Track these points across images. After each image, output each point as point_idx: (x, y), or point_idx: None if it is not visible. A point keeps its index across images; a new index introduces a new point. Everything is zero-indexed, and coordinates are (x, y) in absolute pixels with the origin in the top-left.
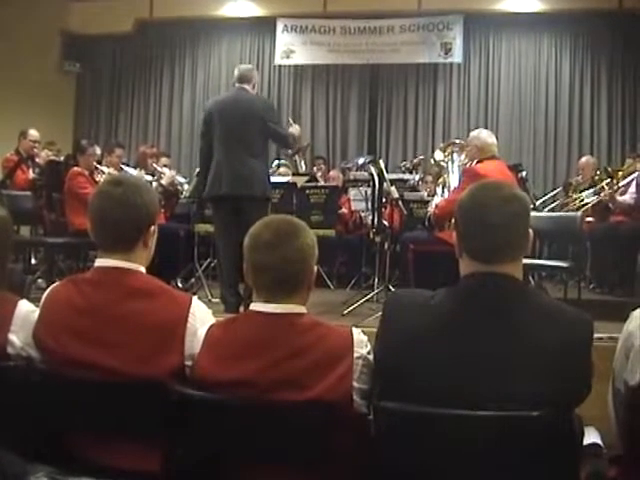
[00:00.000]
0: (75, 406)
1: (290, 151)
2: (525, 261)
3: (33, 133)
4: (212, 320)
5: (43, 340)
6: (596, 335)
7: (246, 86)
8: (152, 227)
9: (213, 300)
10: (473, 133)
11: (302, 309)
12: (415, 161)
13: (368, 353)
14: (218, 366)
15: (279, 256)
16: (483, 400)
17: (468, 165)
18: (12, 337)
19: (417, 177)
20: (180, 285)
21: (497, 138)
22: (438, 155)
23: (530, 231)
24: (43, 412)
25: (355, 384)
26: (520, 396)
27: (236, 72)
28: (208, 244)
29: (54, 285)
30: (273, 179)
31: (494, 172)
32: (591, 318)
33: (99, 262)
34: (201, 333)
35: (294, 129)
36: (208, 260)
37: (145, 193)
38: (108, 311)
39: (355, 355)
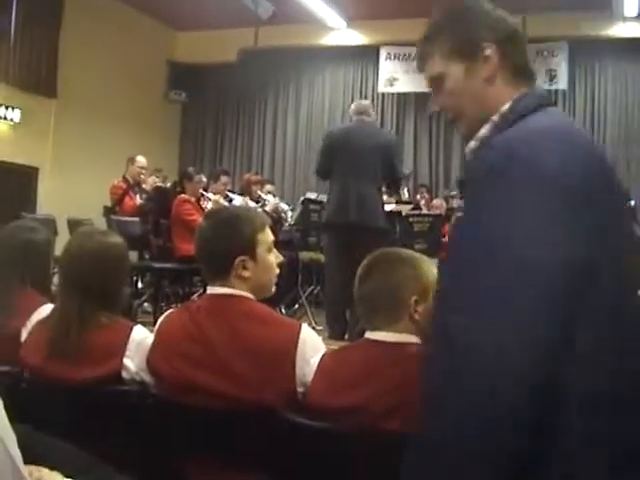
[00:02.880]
0: (186, 432)
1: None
2: None
3: (141, 160)
4: (322, 347)
5: (157, 366)
6: None
7: (366, 118)
8: (238, 259)
9: (317, 327)
10: None
11: (415, 339)
12: None
13: None
14: (332, 393)
15: (370, 286)
16: None
17: None
18: (127, 362)
19: None
20: (284, 311)
21: None
22: None
23: None
24: (154, 437)
25: None
26: None
27: (354, 106)
28: (311, 271)
29: (169, 312)
30: None
31: None
32: None
33: (209, 289)
34: (314, 361)
35: None
36: (311, 287)
37: (230, 227)
38: (220, 337)
39: None
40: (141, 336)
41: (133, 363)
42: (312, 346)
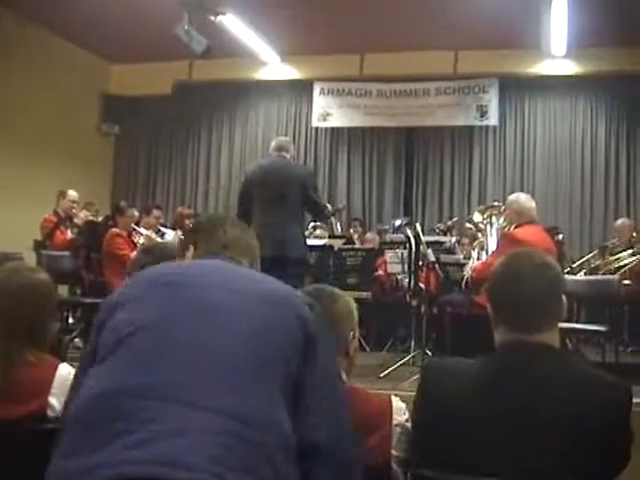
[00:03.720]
0: None
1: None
2: (562, 325)
3: (72, 193)
4: None
5: None
6: (635, 400)
7: (285, 154)
8: None
9: None
10: (511, 197)
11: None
12: (449, 223)
13: (406, 421)
14: None
15: None
16: (518, 469)
17: (507, 229)
18: (52, 400)
19: (453, 240)
20: None
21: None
22: (477, 217)
23: (564, 297)
24: None
25: (393, 452)
26: (557, 465)
27: (274, 143)
28: None
29: None
30: (309, 242)
31: (532, 237)
32: (630, 385)
33: None
34: None
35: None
36: None
37: (164, 261)
38: None
39: (394, 422)
40: (67, 374)
41: (58, 401)
42: None
